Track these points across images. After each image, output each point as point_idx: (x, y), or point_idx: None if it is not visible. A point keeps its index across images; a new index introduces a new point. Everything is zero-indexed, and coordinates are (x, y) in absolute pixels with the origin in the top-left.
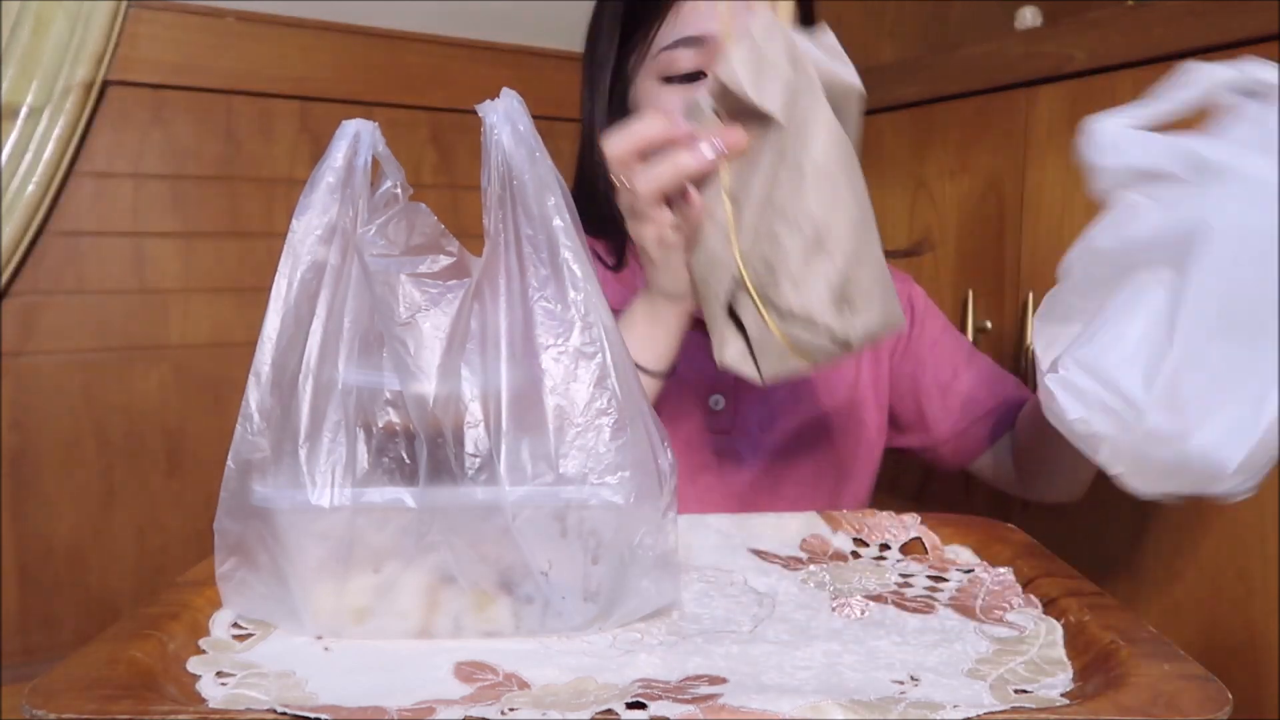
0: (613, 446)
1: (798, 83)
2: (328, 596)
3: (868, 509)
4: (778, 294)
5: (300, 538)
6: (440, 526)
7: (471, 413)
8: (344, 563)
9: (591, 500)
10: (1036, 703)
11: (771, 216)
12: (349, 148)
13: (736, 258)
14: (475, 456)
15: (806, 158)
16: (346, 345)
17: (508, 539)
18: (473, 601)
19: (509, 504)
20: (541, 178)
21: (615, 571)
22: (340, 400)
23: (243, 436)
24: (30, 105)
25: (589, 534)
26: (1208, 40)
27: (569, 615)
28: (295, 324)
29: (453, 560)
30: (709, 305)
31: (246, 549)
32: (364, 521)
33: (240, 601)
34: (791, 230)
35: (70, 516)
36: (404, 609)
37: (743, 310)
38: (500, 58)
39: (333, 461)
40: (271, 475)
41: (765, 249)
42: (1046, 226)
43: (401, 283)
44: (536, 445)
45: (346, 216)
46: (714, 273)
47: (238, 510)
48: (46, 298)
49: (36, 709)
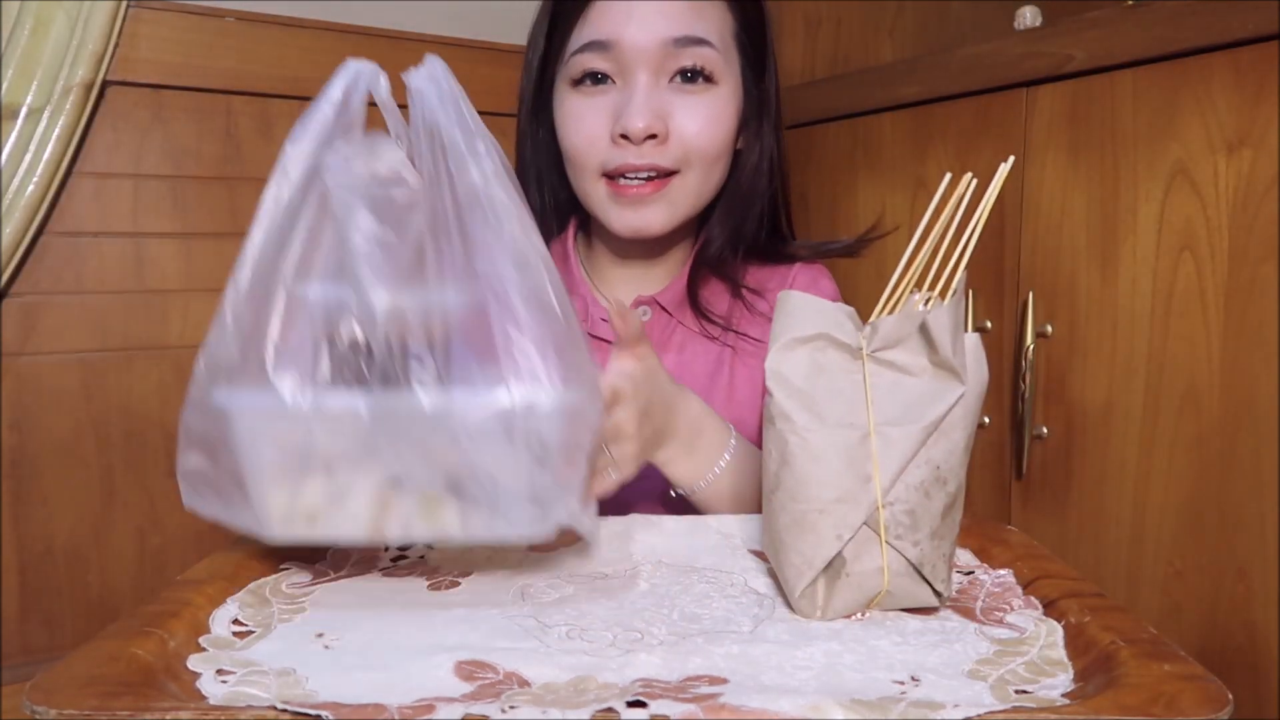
0: (554, 358)
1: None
2: (282, 497)
3: None
4: (911, 542)
5: (259, 440)
6: (390, 432)
7: (421, 327)
8: (299, 465)
9: (536, 407)
10: (1037, 703)
11: (926, 470)
12: (348, 84)
13: (879, 497)
14: (423, 368)
15: (963, 426)
16: (321, 264)
17: (456, 445)
18: (421, 505)
19: (457, 411)
20: (468, 128)
21: (557, 475)
22: (308, 313)
23: (214, 340)
24: (30, 105)
25: (533, 438)
26: (1208, 40)
27: (514, 518)
28: (277, 240)
29: (402, 465)
30: (808, 536)
31: (209, 448)
32: (319, 426)
33: (199, 501)
34: (939, 488)
35: (70, 516)
36: (355, 512)
37: (855, 546)
38: (500, 58)
39: (295, 369)
40: (238, 379)
41: (912, 499)
42: (1046, 226)
43: (361, 207)
44: (483, 357)
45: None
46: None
47: (203, 410)
48: (46, 298)
49: (37, 705)
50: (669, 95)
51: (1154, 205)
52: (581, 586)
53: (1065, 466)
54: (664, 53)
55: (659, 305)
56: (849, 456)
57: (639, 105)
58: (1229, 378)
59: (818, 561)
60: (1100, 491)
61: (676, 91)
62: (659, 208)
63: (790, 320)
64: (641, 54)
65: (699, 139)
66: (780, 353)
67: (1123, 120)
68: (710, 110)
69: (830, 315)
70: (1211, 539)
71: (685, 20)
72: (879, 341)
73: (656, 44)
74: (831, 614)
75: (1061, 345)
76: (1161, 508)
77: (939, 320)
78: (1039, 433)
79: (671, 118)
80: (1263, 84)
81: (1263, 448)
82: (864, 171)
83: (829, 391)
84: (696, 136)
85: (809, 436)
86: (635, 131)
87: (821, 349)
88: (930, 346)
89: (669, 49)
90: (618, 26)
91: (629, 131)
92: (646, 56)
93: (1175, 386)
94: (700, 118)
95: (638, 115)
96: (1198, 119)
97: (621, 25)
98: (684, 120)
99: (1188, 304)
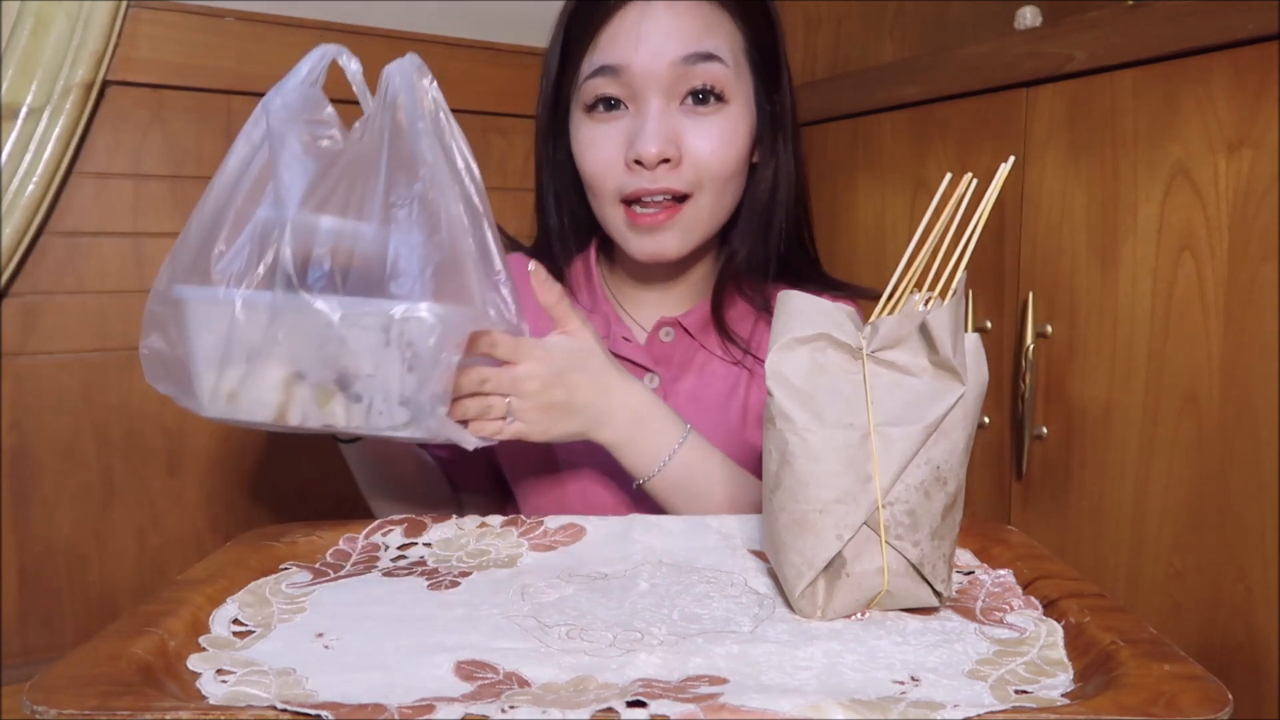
0: (433, 279)
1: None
2: (210, 378)
3: None
4: (911, 542)
5: (198, 325)
6: (289, 328)
7: (326, 245)
8: (225, 352)
9: (410, 316)
10: (1037, 703)
11: (926, 470)
12: (317, 59)
13: (878, 497)
14: (323, 278)
15: (963, 426)
16: (266, 193)
17: (344, 345)
18: (316, 396)
19: (343, 313)
20: (420, 111)
21: (423, 379)
22: (250, 230)
23: (178, 246)
24: (30, 105)
25: (406, 345)
26: (1208, 40)
27: (388, 415)
28: (237, 172)
29: (302, 360)
30: (806, 534)
31: (164, 332)
32: (240, 317)
33: (156, 379)
34: (939, 488)
35: (70, 516)
36: (265, 397)
37: (856, 546)
38: (500, 58)
39: (232, 270)
40: (190, 277)
41: (912, 499)
42: (1046, 226)
43: (292, 142)
44: (375, 272)
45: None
46: (839, 503)
47: (163, 300)
48: (46, 298)
49: (37, 705)
50: (681, 118)
51: (1154, 205)
52: (581, 586)
53: (1065, 466)
54: (674, 74)
55: (682, 327)
56: (849, 456)
57: (652, 131)
58: (1229, 378)
59: (818, 561)
60: (1100, 491)
61: (688, 114)
62: (674, 234)
63: (790, 320)
64: (652, 77)
65: (712, 160)
66: (780, 353)
67: (1123, 120)
68: (722, 131)
69: (830, 315)
70: (1211, 539)
71: (693, 38)
72: (879, 341)
73: (666, 66)
74: (831, 614)
75: (1061, 345)
76: (1161, 508)
77: (939, 320)
78: (1039, 433)
79: (684, 140)
80: (1263, 84)
81: (1263, 448)
82: (864, 171)
83: (829, 391)
84: (710, 158)
85: (809, 436)
86: (649, 157)
87: (822, 349)
88: (930, 346)
89: (679, 69)
90: (627, 52)
91: (642, 157)
92: (657, 80)
93: (1175, 386)
94: (713, 139)
95: (651, 141)
96: (1198, 119)
97: (631, 50)
98: (697, 142)
99: (1188, 304)
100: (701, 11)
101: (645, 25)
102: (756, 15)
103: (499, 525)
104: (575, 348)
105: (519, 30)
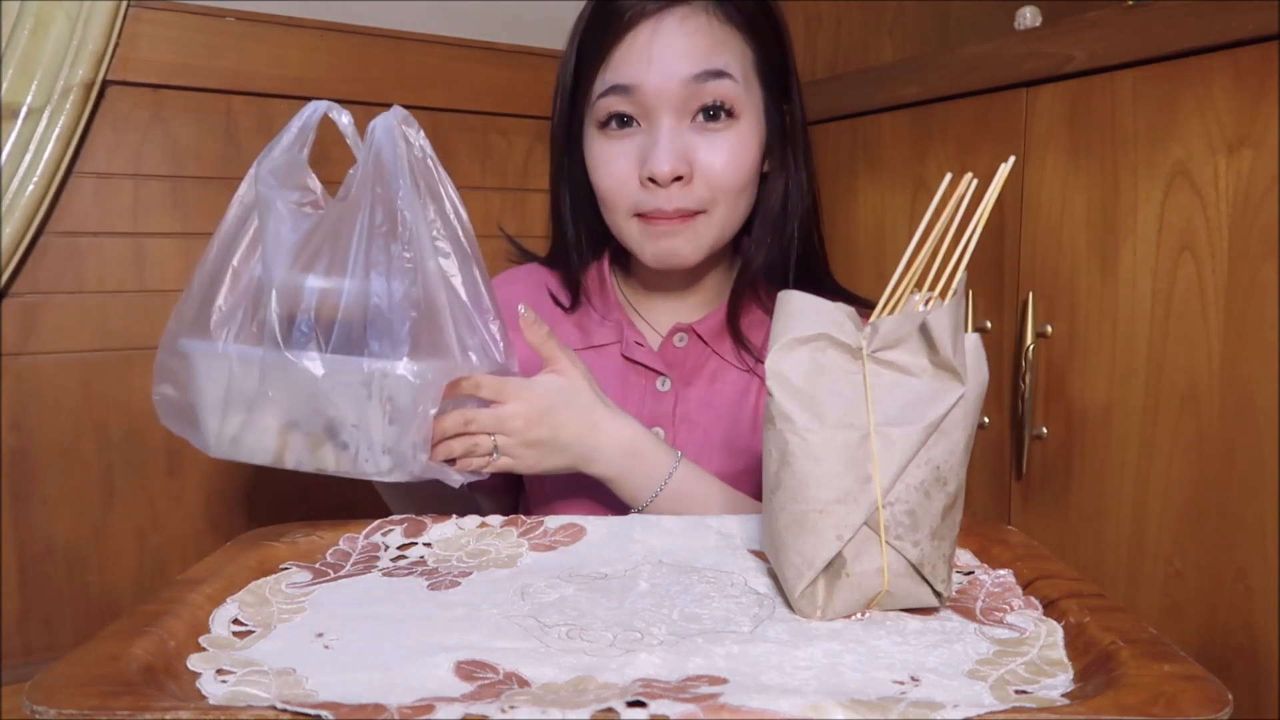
0: (410, 335)
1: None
2: (215, 423)
3: None
4: (911, 543)
5: (202, 376)
6: (278, 383)
7: (311, 301)
8: (226, 400)
9: (390, 372)
10: (1037, 703)
11: (926, 470)
12: (307, 118)
13: (879, 497)
14: (307, 336)
15: (963, 426)
16: (258, 252)
17: (329, 399)
18: (308, 443)
19: (325, 370)
20: (402, 167)
21: (404, 430)
22: (243, 287)
23: (183, 301)
24: (30, 105)
25: (386, 399)
26: (1208, 40)
27: (373, 462)
28: (233, 231)
29: (294, 411)
30: (808, 536)
31: (174, 380)
32: (237, 370)
33: (169, 421)
34: (939, 488)
35: (70, 516)
36: (263, 443)
37: (856, 546)
38: (500, 58)
39: (229, 327)
40: (194, 331)
41: (912, 499)
42: (1046, 226)
43: (278, 209)
44: (357, 327)
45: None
46: (840, 504)
47: (171, 352)
48: (46, 298)
49: (37, 705)
50: (692, 135)
51: (1154, 205)
52: (581, 586)
53: (1065, 466)
54: (685, 92)
55: (695, 334)
56: (849, 457)
57: (663, 150)
58: (1229, 378)
59: (818, 562)
60: (1100, 491)
61: (699, 131)
62: (687, 240)
63: (791, 320)
64: (663, 96)
65: (723, 176)
66: (780, 353)
67: (1123, 120)
68: (733, 146)
69: (831, 315)
70: (1211, 539)
71: (703, 56)
72: (879, 342)
73: (676, 85)
74: (831, 614)
75: (1061, 345)
76: (1161, 508)
77: (939, 320)
78: (1039, 433)
79: (696, 157)
80: (1263, 84)
81: (1263, 448)
82: (864, 171)
83: (829, 391)
84: (721, 174)
85: (809, 437)
86: (661, 175)
87: (822, 349)
88: (930, 347)
89: (689, 87)
90: (639, 71)
91: (656, 175)
92: (668, 98)
93: (1175, 386)
94: (724, 155)
95: (663, 159)
96: (1198, 119)
97: (643, 70)
98: (708, 159)
99: (1188, 304)
100: (712, 29)
101: (656, 45)
102: (766, 30)
103: (499, 525)
104: (562, 386)
105: (519, 30)
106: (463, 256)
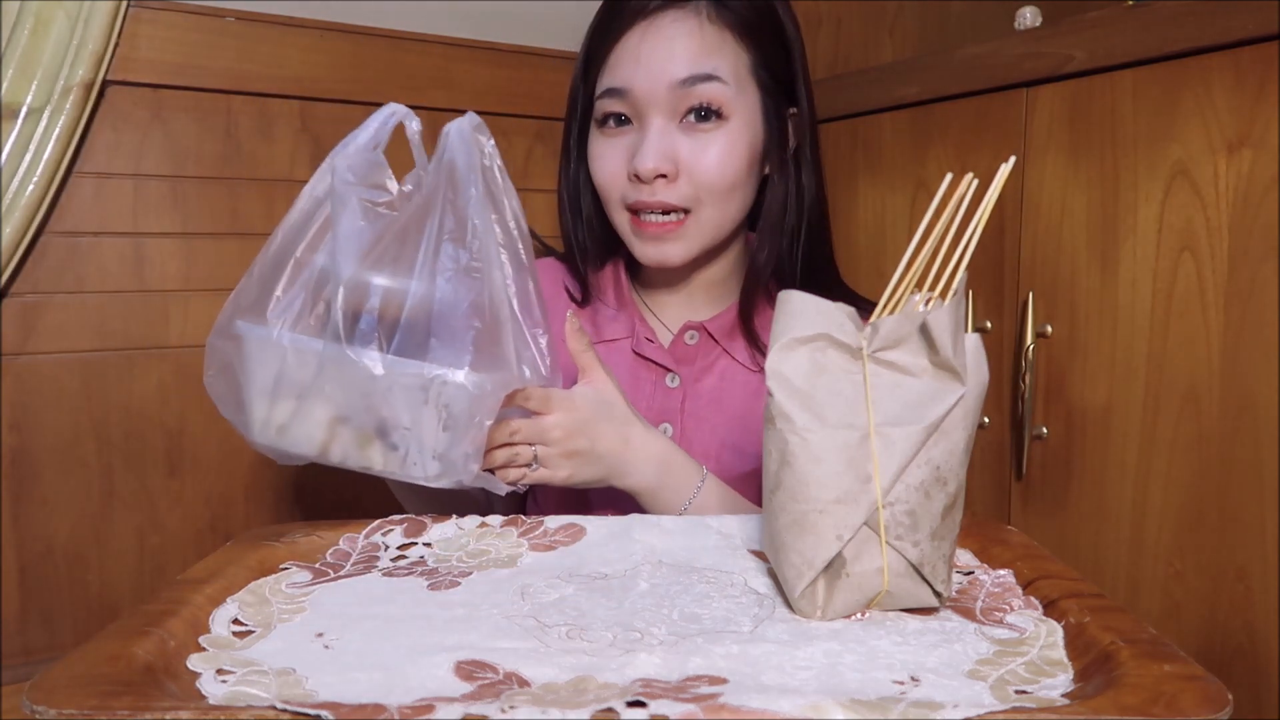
0: (473, 344)
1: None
2: (263, 409)
3: None
4: (911, 543)
5: (253, 360)
6: (334, 377)
7: (375, 303)
8: (276, 387)
9: (449, 380)
10: (1037, 703)
11: (926, 470)
12: (384, 118)
13: (879, 497)
14: (369, 333)
15: (963, 426)
16: (325, 244)
17: (384, 398)
18: (357, 439)
19: (385, 370)
20: (475, 174)
21: (457, 438)
22: (305, 277)
23: (242, 286)
24: (30, 105)
25: (442, 405)
26: (1208, 40)
27: (421, 466)
28: (301, 222)
29: (346, 405)
30: (807, 535)
31: (224, 364)
32: (292, 359)
33: (218, 403)
34: (939, 488)
35: (70, 516)
36: (310, 433)
37: (856, 547)
38: (500, 58)
39: (288, 314)
40: (250, 316)
41: (913, 499)
42: (1046, 226)
43: (352, 203)
44: (420, 330)
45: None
46: (841, 504)
47: (224, 335)
48: (46, 298)
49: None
50: (680, 136)
51: (1154, 205)
52: (581, 586)
53: (1065, 466)
54: (674, 95)
55: (706, 332)
56: (849, 457)
57: (649, 148)
58: (1229, 378)
59: (818, 562)
60: (1100, 491)
61: (688, 131)
62: (677, 242)
63: (791, 320)
64: (652, 98)
65: (708, 175)
66: (780, 353)
67: (1123, 120)
68: (719, 147)
69: (831, 315)
70: (1211, 539)
71: (692, 60)
72: (879, 342)
73: (665, 88)
74: (831, 614)
75: (1061, 345)
76: (1161, 508)
77: (939, 320)
78: (1039, 433)
79: (681, 156)
80: (1263, 84)
81: (1263, 448)
82: (864, 172)
83: (829, 392)
84: (706, 173)
85: (809, 437)
86: (645, 172)
87: (822, 349)
88: (930, 347)
89: (678, 90)
90: (630, 74)
91: (640, 172)
92: (657, 100)
93: (1175, 386)
94: (709, 155)
95: (647, 157)
96: (1198, 119)
97: (633, 73)
98: (694, 159)
99: (1188, 304)
100: (703, 32)
101: (645, 49)
102: (766, 37)
103: (499, 525)
104: (599, 399)
105: (519, 30)
106: (518, 267)
